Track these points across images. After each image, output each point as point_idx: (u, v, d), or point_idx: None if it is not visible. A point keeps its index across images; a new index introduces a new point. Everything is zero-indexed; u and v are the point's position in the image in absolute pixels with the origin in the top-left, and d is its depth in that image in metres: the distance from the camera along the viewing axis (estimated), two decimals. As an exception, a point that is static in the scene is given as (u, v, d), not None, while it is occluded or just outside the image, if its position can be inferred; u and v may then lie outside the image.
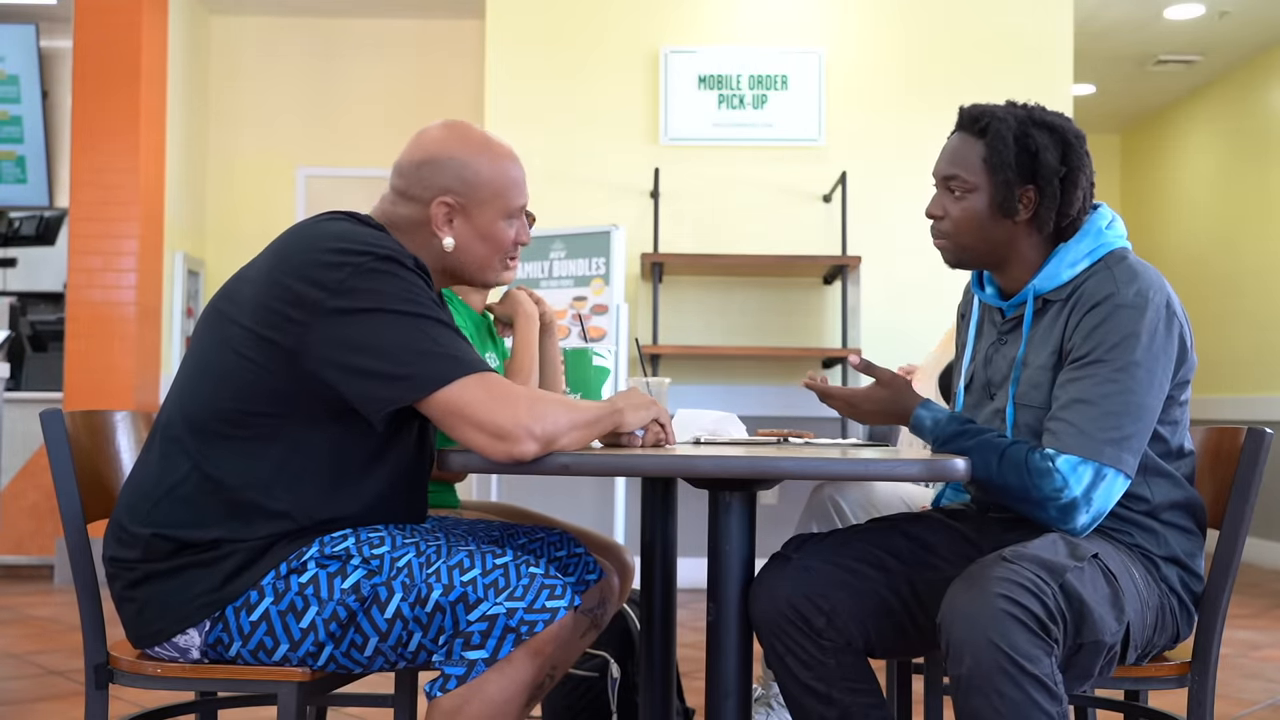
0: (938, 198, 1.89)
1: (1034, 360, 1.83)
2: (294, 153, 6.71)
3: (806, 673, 1.74)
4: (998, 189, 1.82)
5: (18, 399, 5.55)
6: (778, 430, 2.34)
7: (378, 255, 1.60)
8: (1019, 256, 1.87)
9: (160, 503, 1.64)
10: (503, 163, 1.80)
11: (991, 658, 1.48)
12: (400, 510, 1.75)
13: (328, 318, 1.56)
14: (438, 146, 1.77)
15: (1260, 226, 7.11)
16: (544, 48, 5.57)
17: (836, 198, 5.46)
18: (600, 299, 4.95)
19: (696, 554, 2.45)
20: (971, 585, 1.56)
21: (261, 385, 1.61)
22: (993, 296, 1.95)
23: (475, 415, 1.54)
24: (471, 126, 1.83)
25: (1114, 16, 6.46)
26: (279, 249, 1.67)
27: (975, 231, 1.85)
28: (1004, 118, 1.83)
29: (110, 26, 5.63)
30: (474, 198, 1.76)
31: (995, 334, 1.95)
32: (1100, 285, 1.77)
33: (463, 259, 1.78)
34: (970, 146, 1.85)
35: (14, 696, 3.27)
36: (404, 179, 1.77)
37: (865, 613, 1.76)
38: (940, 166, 1.89)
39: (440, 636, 1.60)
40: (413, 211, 1.76)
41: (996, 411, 1.88)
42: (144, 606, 1.65)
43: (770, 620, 1.74)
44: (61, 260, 6.05)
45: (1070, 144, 1.83)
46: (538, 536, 1.98)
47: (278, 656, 1.63)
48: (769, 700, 2.77)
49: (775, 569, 1.79)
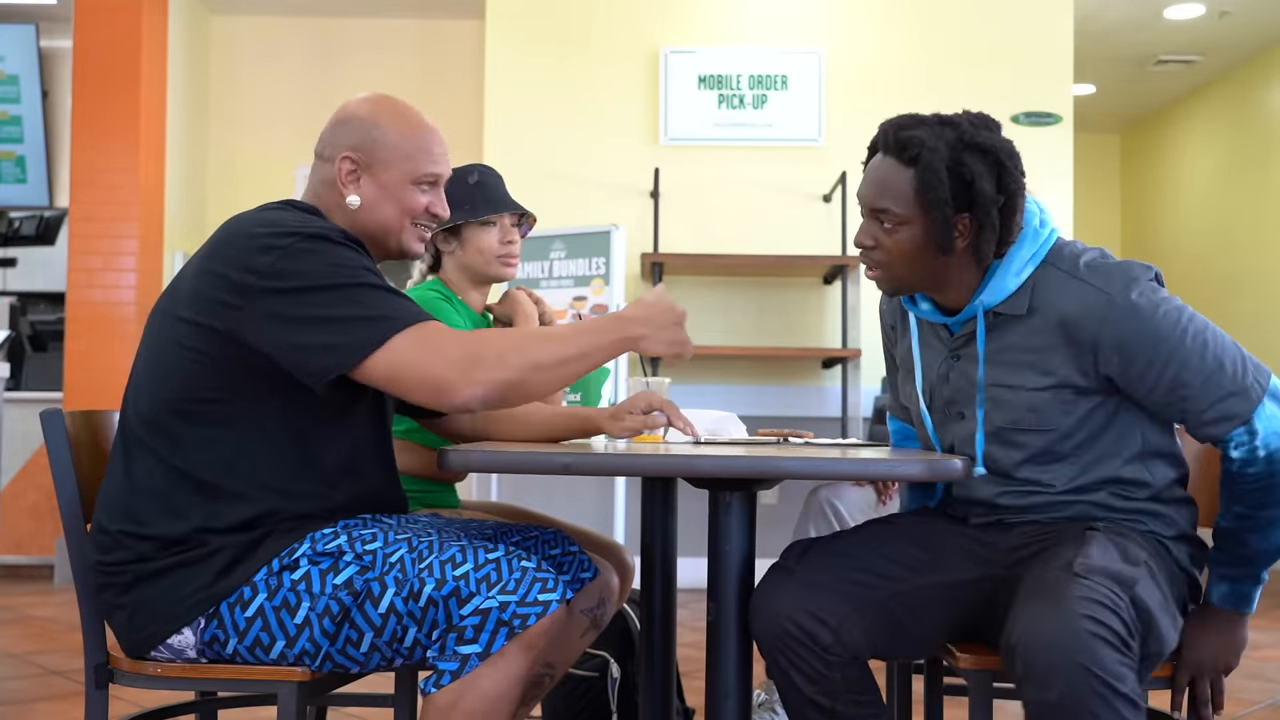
0: (866, 227, 1.80)
1: (1011, 379, 1.78)
2: (294, 153, 6.70)
3: (811, 687, 1.71)
4: (935, 225, 1.73)
5: (18, 399, 5.55)
6: (778, 430, 2.34)
7: (304, 235, 1.62)
8: (959, 277, 1.80)
9: (133, 501, 1.65)
10: (415, 130, 1.81)
11: (1085, 682, 1.44)
12: (372, 489, 1.76)
13: (260, 298, 1.58)
14: (352, 109, 1.82)
15: (1260, 226, 7.11)
16: (544, 48, 5.57)
17: (836, 198, 5.46)
18: (600, 299, 4.95)
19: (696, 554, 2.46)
20: (1049, 606, 1.50)
21: (206, 372, 1.63)
22: (931, 312, 1.88)
23: (411, 372, 1.55)
24: (395, 98, 1.85)
25: (1114, 16, 6.46)
26: (214, 242, 1.69)
27: (912, 263, 1.78)
28: (934, 146, 1.73)
29: (110, 26, 5.63)
30: (378, 156, 1.78)
31: (945, 350, 1.88)
32: (1082, 298, 1.72)
33: (369, 218, 1.79)
34: (899, 175, 1.75)
35: (14, 696, 3.27)
36: (320, 142, 1.82)
37: (871, 624, 1.73)
38: (867, 195, 1.79)
39: (434, 631, 1.61)
40: (325, 172, 1.80)
41: (973, 435, 1.83)
42: (134, 613, 1.65)
43: (773, 635, 1.70)
44: (61, 260, 6.05)
45: (1004, 166, 1.74)
46: (532, 535, 1.98)
47: (275, 653, 1.64)
48: (772, 705, 2.77)
49: (777, 582, 1.75)
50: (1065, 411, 1.76)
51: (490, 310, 2.53)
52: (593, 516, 5.04)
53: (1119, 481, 1.78)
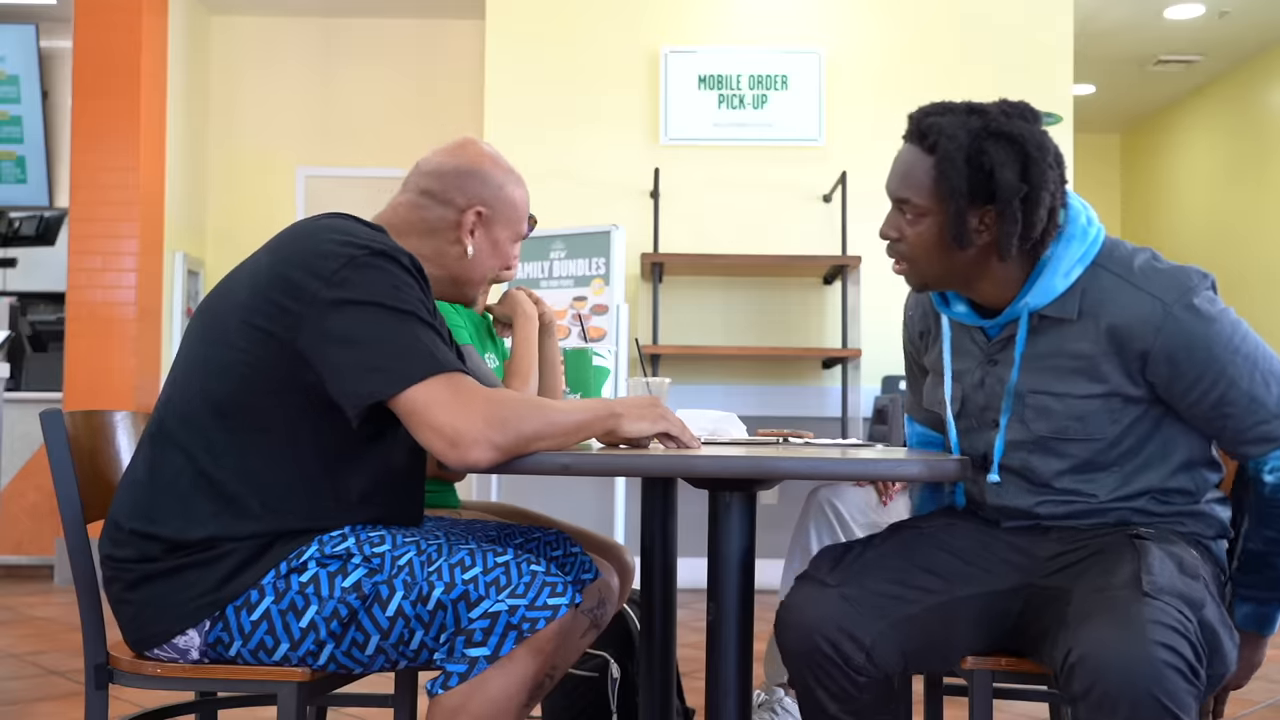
0: (892, 217, 1.74)
1: (1058, 386, 1.71)
2: (294, 153, 6.71)
3: (836, 705, 1.66)
4: (950, 219, 1.66)
5: (18, 399, 5.55)
6: (778, 430, 2.34)
7: (374, 250, 1.62)
8: (991, 275, 1.72)
9: (153, 500, 1.65)
10: (523, 190, 1.94)
11: (1155, 715, 1.40)
12: (394, 509, 1.76)
13: (320, 308, 1.58)
14: (478, 160, 1.88)
15: (1260, 226, 7.11)
16: (544, 48, 5.57)
17: (836, 198, 5.46)
18: (600, 299, 4.95)
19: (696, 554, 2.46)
20: (1121, 629, 1.45)
21: (253, 376, 1.62)
22: (967, 315, 1.79)
23: (434, 417, 1.54)
24: (500, 153, 1.95)
25: (1114, 17, 6.46)
26: (278, 244, 1.69)
27: (937, 257, 1.71)
28: (954, 134, 1.65)
29: (110, 26, 5.62)
30: (500, 214, 1.88)
31: (980, 355, 1.80)
32: (1135, 304, 1.66)
33: (472, 268, 1.88)
34: (920, 164, 1.68)
35: (14, 696, 3.27)
36: (441, 182, 1.85)
37: (905, 639, 1.67)
38: (892, 184, 1.73)
39: (442, 634, 1.60)
40: (443, 214, 1.84)
41: (1012, 444, 1.77)
42: (141, 609, 1.65)
43: (803, 651, 1.65)
44: (61, 260, 6.05)
45: (1031, 157, 1.64)
46: (534, 536, 1.98)
47: (278, 656, 1.63)
48: (772, 705, 2.77)
49: (810, 595, 1.69)
50: (1113, 420, 1.70)
51: (490, 311, 2.53)
52: (593, 517, 5.04)
53: (1162, 490, 1.74)
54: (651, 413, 1.66)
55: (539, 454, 1.58)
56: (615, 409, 1.65)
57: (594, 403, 1.68)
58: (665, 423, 1.67)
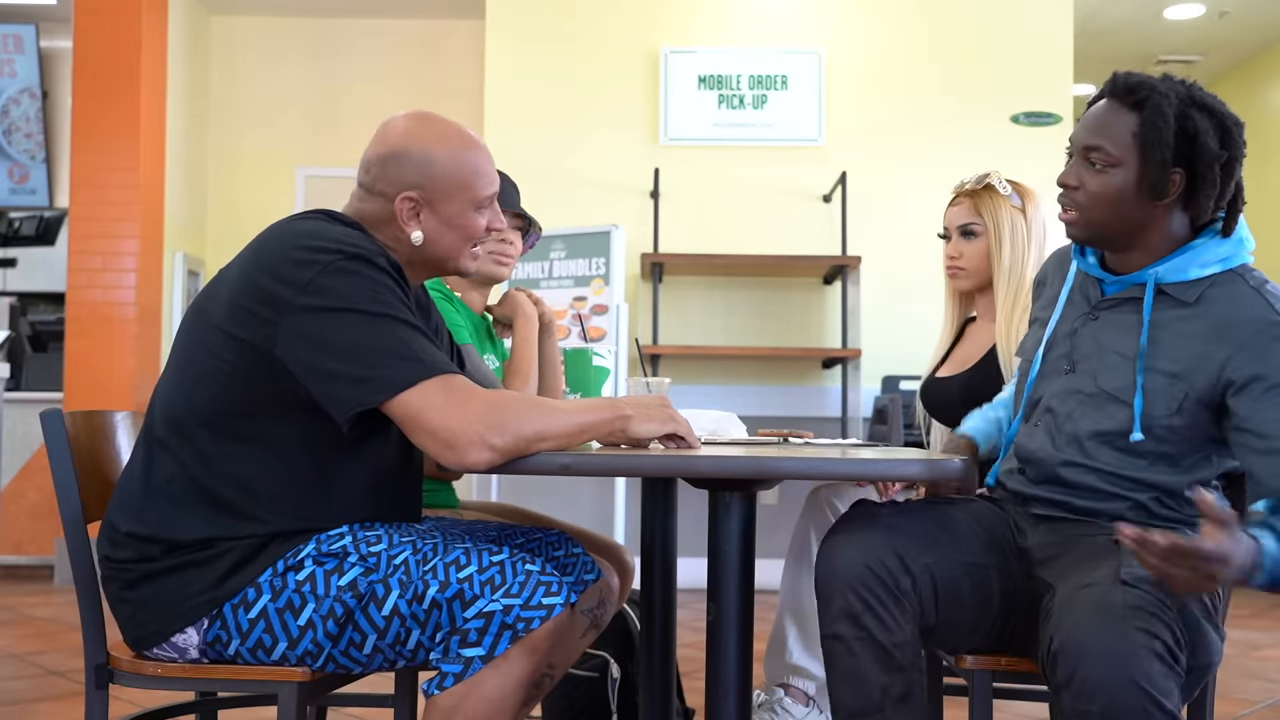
0: (1074, 167, 1.77)
1: (1152, 361, 1.73)
2: (294, 153, 6.71)
3: (885, 634, 1.61)
4: (1152, 169, 1.71)
5: (18, 399, 5.55)
6: (778, 430, 2.34)
7: (347, 254, 1.59)
8: (1148, 240, 1.76)
9: (148, 504, 1.65)
10: (466, 154, 1.77)
11: (1133, 698, 1.40)
12: (391, 507, 1.76)
13: (295, 315, 1.56)
14: (400, 140, 1.75)
15: (1260, 226, 7.10)
16: (544, 48, 5.57)
17: (836, 198, 5.46)
18: (600, 299, 4.95)
19: (696, 554, 2.45)
20: (1099, 615, 1.47)
21: (234, 385, 1.62)
22: (1094, 267, 1.84)
23: (429, 421, 1.53)
24: (436, 117, 1.80)
25: (1114, 16, 6.46)
26: (253, 248, 1.67)
27: (1112, 208, 1.74)
28: (1165, 93, 1.71)
29: (110, 26, 5.62)
30: (439, 190, 1.75)
31: (1087, 306, 1.84)
32: (1255, 308, 1.68)
33: (433, 250, 1.78)
34: (1121, 118, 1.73)
35: (14, 696, 3.27)
36: (369, 175, 1.77)
37: (941, 581, 1.66)
38: (1081, 135, 1.76)
39: (437, 634, 1.61)
40: (379, 207, 1.76)
41: (1073, 391, 1.79)
42: (140, 608, 1.65)
43: (852, 572, 1.61)
44: (61, 260, 6.05)
45: (1229, 130, 1.74)
46: (535, 536, 1.98)
47: (276, 655, 1.63)
48: (772, 705, 2.77)
49: (859, 523, 1.70)
50: (1175, 410, 1.71)
51: (490, 312, 2.53)
52: (593, 517, 5.04)
53: (1170, 494, 1.75)
54: (661, 414, 1.65)
55: (539, 454, 1.58)
56: (625, 410, 1.63)
57: (602, 403, 1.67)
58: (674, 424, 1.65)
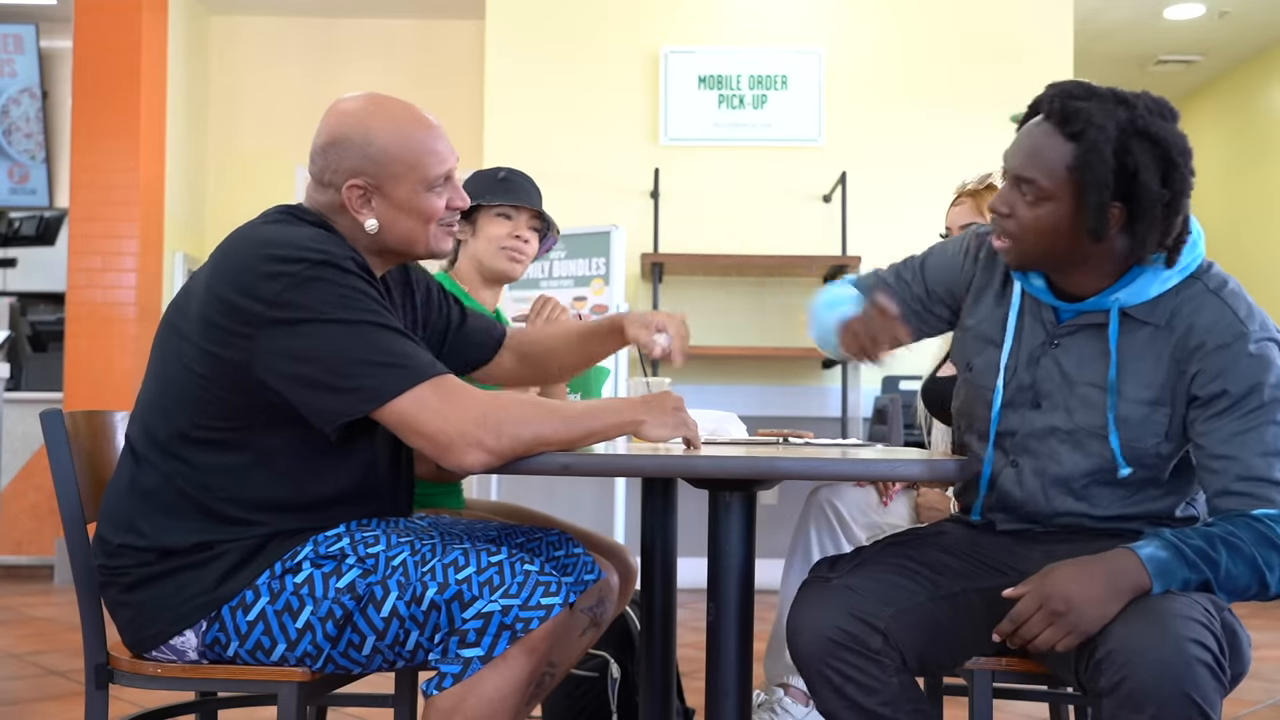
0: (1007, 193, 1.67)
1: (1127, 390, 1.67)
2: (294, 153, 6.70)
3: (871, 699, 1.60)
4: (1089, 211, 1.59)
5: (18, 399, 5.55)
6: (778, 430, 2.34)
7: (313, 262, 1.55)
8: (1094, 266, 1.67)
9: (139, 515, 1.64)
10: (411, 132, 1.69)
11: (1184, 711, 1.38)
12: (384, 502, 1.75)
13: (269, 329, 1.54)
14: (339, 125, 1.69)
15: (1261, 226, 7.11)
16: (544, 48, 5.57)
17: (836, 198, 5.46)
18: (600, 299, 4.95)
19: (696, 554, 2.45)
20: (1151, 623, 1.43)
21: (212, 399, 1.60)
22: (1043, 292, 1.74)
23: (424, 425, 1.52)
24: (380, 98, 1.73)
25: (1114, 17, 6.46)
26: (218, 259, 1.63)
27: (1048, 241, 1.65)
28: (1103, 125, 1.57)
29: (110, 26, 5.63)
30: (384, 173, 1.67)
31: (1044, 333, 1.76)
32: (1219, 318, 1.62)
33: (392, 236, 1.72)
34: (1055, 147, 1.60)
35: (14, 696, 3.27)
36: (315, 165, 1.71)
37: (916, 623, 1.65)
38: (1014, 161, 1.65)
39: (436, 634, 1.60)
40: (331, 197, 1.70)
41: (1051, 429, 1.73)
42: (138, 611, 1.65)
43: (821, 648, 1.61)
44: (61, 260, 6.05)
45: (1173, 162, 1.58)
46: (536, 536, 1.98)
47: (275, 657, 1.63)
48: (772, 705, 2.76)
49: (814, 594, 1.68)
50: (1163, 436, 1.67)
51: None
52: (593, 516, 5.04)
53: (1158, 519, 1.72)
54: (675, 418, 1.63)
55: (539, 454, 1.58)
56: (639, 414, 1.61)
57: (616, 404, 1.64)
58: (686, 429, 1.65)
